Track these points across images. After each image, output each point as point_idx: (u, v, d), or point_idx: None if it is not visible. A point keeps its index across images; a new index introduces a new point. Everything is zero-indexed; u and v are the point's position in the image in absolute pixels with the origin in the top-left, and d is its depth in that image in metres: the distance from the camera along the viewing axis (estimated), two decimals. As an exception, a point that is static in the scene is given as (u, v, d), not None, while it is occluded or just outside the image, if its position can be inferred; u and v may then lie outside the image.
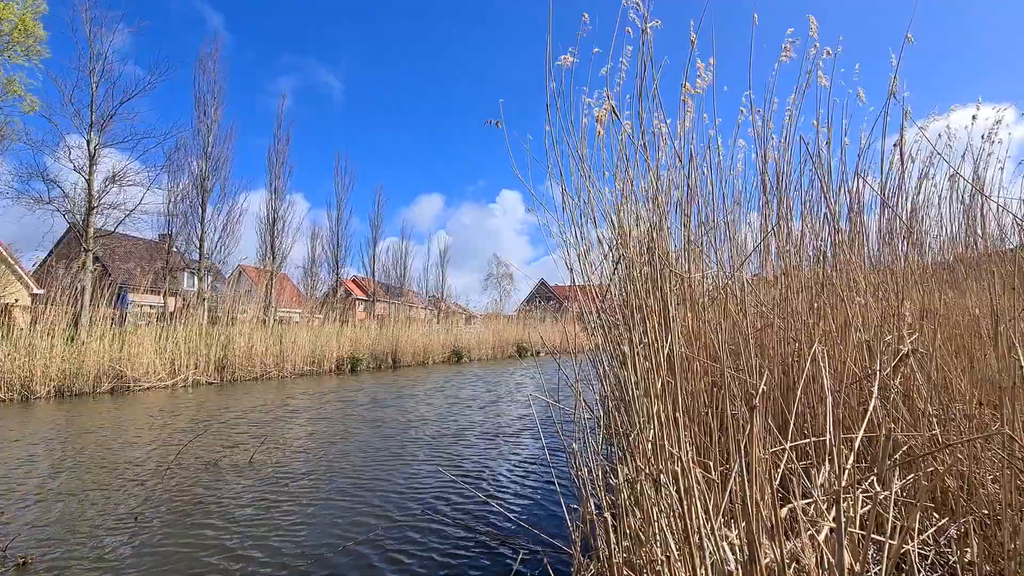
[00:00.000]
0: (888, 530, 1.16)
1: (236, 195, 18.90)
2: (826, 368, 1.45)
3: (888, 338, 2.00)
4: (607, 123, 2.04)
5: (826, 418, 1.28)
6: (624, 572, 1.55)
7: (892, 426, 1.81)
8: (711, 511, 1.27)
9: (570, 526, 1.89)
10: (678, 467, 1.32)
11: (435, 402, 8.46)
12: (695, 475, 1.31)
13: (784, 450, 1.48)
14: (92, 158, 13.12)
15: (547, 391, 2.47)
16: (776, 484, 1.27)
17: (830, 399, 1.29)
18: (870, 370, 1.95)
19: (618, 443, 1.96)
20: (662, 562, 1.36)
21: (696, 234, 2.37)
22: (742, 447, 1.16)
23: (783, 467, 1.48)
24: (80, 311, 11.17)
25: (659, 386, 1.52)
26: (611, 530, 1.58)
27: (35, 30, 11.91)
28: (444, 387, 10.74)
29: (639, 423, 1.59)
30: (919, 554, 1.47)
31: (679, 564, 1.31)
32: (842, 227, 2.45)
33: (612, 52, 1.99)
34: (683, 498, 1.28)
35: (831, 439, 1.24)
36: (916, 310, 2.08)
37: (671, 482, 1.35)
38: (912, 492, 1.67)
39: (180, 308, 12.57)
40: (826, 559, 1.20)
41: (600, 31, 1.98)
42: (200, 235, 17.86)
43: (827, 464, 1.52)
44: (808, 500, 1.45)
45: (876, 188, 2.46)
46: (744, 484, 1.10)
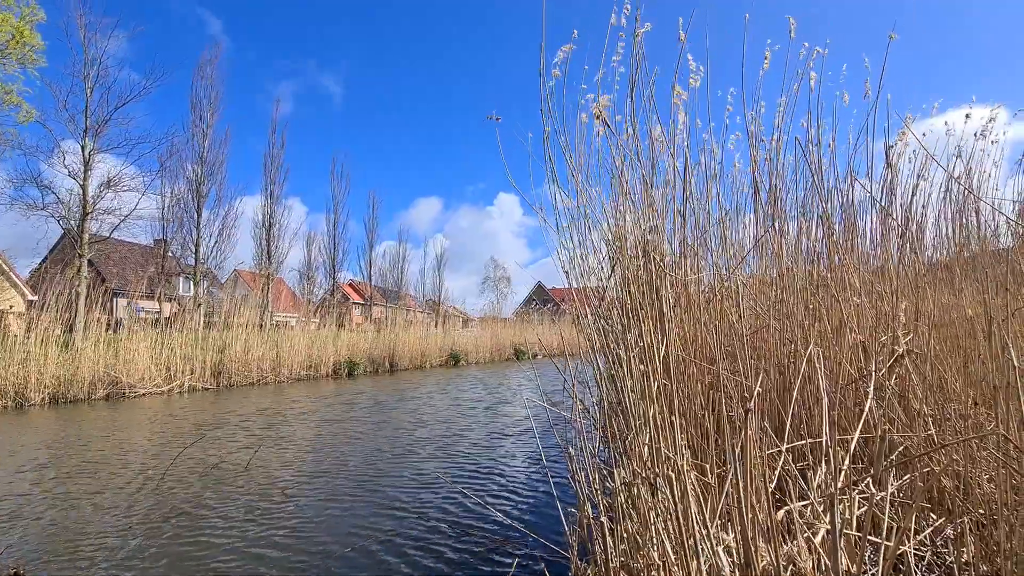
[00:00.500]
0: (884, 531, 1.16)
1: (232, 200, 18.93)
2: (822, 369, 1.45)
3: (883, 339, 2.00)
4: (602, 128, 2.04)
5: (822, 419, 1.28)
6: (621, 576, 1.54)
7: (888, 427, 1.81)
8: (707, 514, 1.26)
9: (567, 530, 1.89)
10: (674, 470, 1.31)
11: (433, 406, 8.43)
12: (691, 478, 1.31)
13: (780, 452, 1.48)
14: (87, 164, 13.09)
15: (544, 395, 2.46)
16: (772, 486, 1.27)
17: (826, 400, 1.29)
18: (865, 371, 1.95)
19: (615, 446, 1.96)
20: (659, 566, 1.36)
21: (691, 237, 2.37)
22: (738, 449, 1.16)
23: (779, 469, 1.47)
24: (75, 317, 11.10)
25: (655, 389, 1.52)
26: (608, 533, 1.58)
27: (32, 40, 11.86)
28: (441, 391, 10.70)
29: (635, 426, 1.59)
30: (916, 555, 1.47)
31: (675, 568, 1.31)
32: (836, 228, 2.46)
33: (604, 58, 2.00)
34: (679, 501, 1.27)
35: (827, 440, 1.24)
36: (911, 311, 2.09)
37: (667, 485, 1.35)
38: (908, 493, 1.67)
39: (176, 313, 12.51)
40: (823, 562, 1.20)
41: (595, 35, 1.99)
42: (196, 240, 17.83)
43: (823, 465, 1.52)
44: (804, 502, 1.45)
45: (869, 189, 2.47)
46: (740, 487, 1.09)
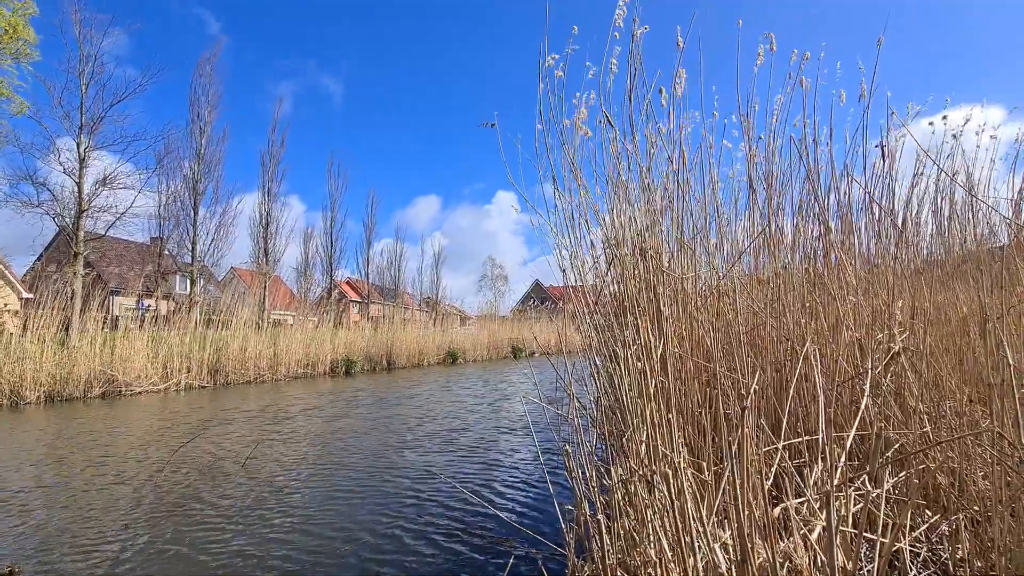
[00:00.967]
0: (880, 528, 1.16)
1: (229, 198, 18.86)
2: (818, 367, 1.46)
3: (879, 337, 2.01)
4: (600, 127, 2.04)
5: (818, 417, 1.28)
6: (618, 573, 1.55)
7: (884, 424, 1.82)
8: (704, 511, 1.26)
9: (564, 527, 1.89)
10: (671, 468, 1.31)
11: (430, 403, 8.43)
12: (688, 476, 1.31)
13: (777, 449, 1.48)
14: (82, 161, 12.99)
15: (542, 392, 2.47)
16: (769, 483, 1.28)
17: (822, 398, 1.29)
18: (862, 369, 1.96)
19: (612, 444, 1.96)
20: (655, 563, 1.36)
21: (688, 234, 2.37)
22: (734, 447, 1.16)
23: (776, 466, 1.48)
24: (71, 315, 11.05)
25: (652, 387, 1.52)
26: (605, 531, 1.58)
27: (25, 33, 11.75)
28: (439, 389, 10.70)
29: (632, 424, 1.59)
30: (911, 551, 1.48)
31: (672, 565, 1.31)
32: (832, 226, 2.47)
33: (605, 58, 2.00)
34: (676, 499, 1.28)
35: (823, 438, 1.25)
36: (907, 309, 2.10)
37: (664, 483, 1.35)
38: (904, 490, 1.68)
39: (172, 311, 12.47)
40: (819, 558, 1.20)
41: (594, 35, 1.99)
42: (192, 238, 17.76)
43: (819, 463, 1.52)
44: (801, 499, 1.45)
45: (865, 187, 2.47)
46: (736, 484, 1.09)
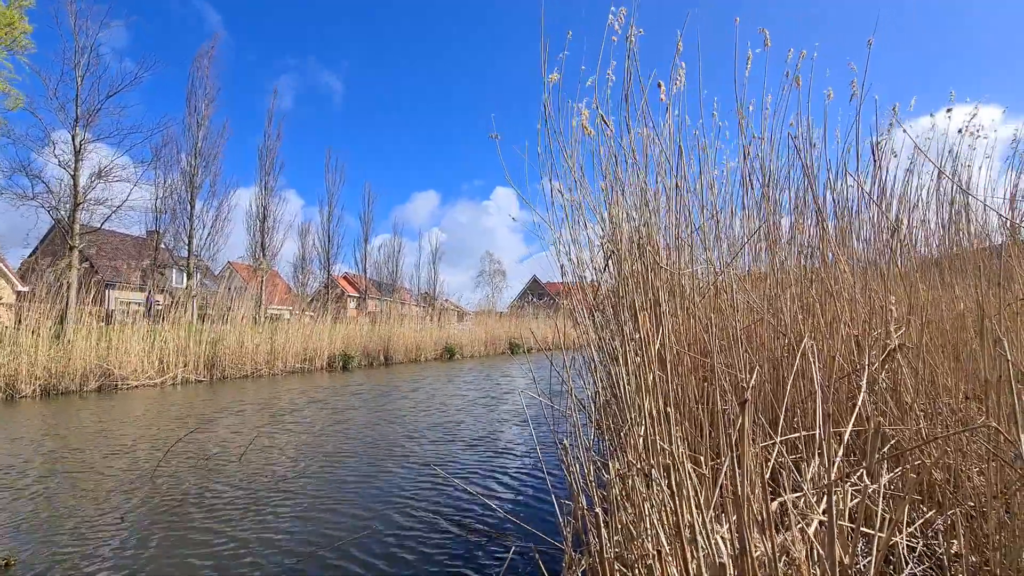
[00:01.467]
0: (877, 523, 1.17)
1: (226, 192, 18.74)
2: (815, 363, 1.46)
3: (876, 333, 2.02)
4: (599, 125, 2.04)
5: (815, 412, 1.29)
6: (615, 567, 1.55)
7: (880, 420, 1.83)
8: (702, 505, 1.27)
9: (562, 521, 1.89)
10: (669, 462, 1.32)
11: (428, 398, 8.43)
12: (686, 470, 1.31)
13: (774, 444, 1.49)
14: (77, 153, 12.88)
15: (539, 387, 2.47)
16: (766, 478, 1.28)
17: (819, 393, 1.29)
18: (858, 365, 1.96)
19: (610, 438, 1.96)
20: (653, 556, 1.36)
21: (686, 231, 2.37)
22: (733, 442, 1.16)
23: (773, 461, 1.48)
24: (66, 308, 10.99)
25: (650, 381, 1.52)
26: (602, 525, 1.58)
27: (20, 24, 11.61)
28: (436, 384, 10.71)
29: (630, 418, 1.59)
30: (907, 546, 1.49)
31: (670, 558, 1.32)
32: (829, 223, 2.47)
33: (600, 57, 1.99)
34: (674, 493, 1.28)
35: (820, 433, 1.25)
36: (903, 305, 2.10)
37: (662, 477, 1.35)
38: (900, 485, 1.69)
39: (168, 305, 12.41)
40: (816, 552, 1.21)
41: (592, 36, 1.98)
42: (189, 231, 17.67)
43: (817, 458, 1.53)
44: (798, 494, 1.46)
45: (862, 185, 2.48)
46: (735, 478, 1.10)
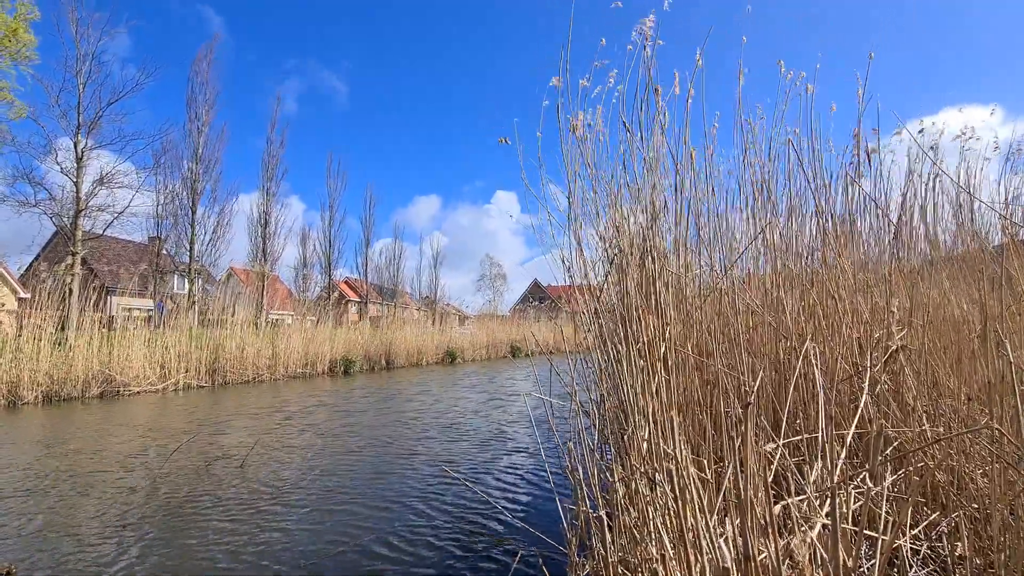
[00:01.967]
0: (880, 526, 1.17)
1: (228, 197, 18.78)
2: (817, 365, 1.46)
3: (878, 335, 2.02)
4: (602, 129, 2.06)
5: (818, 415, 1.29)
6: (619, 571, 1.55)
7: (883, 422, 1.83)
8: (706, 509, 1.27)
9: (566, 525, 1.89)
10: (673, 465, 1.32)
11: (430, 402, 8.43)
12: (690, 473, 1.31)
13: (777, 447, 1.49)
14: (79, 160, 12.93)
15: (542, 391, 2.47)
16: (770, 481, 1.28)
17: (822, 396, 1.30)
18: (860, 367, 1.97)
19: (613, 442, 1.96)
20: (657, 560, 1.36)
21: (690, 233, 2.38)
22: (736, 445, 1.17)
23: (776, 464, 1.48)
24: (68, 315, 11.01)
25: (653, 385, 1.53)
26: (606, 529, 1.59)
27: (26, 37, 11.69)
28: (438, 388, 10.70)
29: (634, 422, 1.60)
30: (911, 549, 1.49)
31: (674, 562, 1.32)
32: (831, 225, 2.48)
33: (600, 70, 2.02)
34: (678, 496, 1.28)
35: (823, 435, 1.25)
36: (904, 307, 2.11)
37: (666, 480, 1.36)
38: (903, 487, 1.69)
39: (170, 311, 12.43)
40: (820, 555, 1.21)
41: (592, 35, 1.99)
42: (191, 237, 17.70)
43: (819, 460, 1.53)
44: (801, 497, 1.46)
45: (864, 187, 2.48)
46: (738, 482, 1.10)
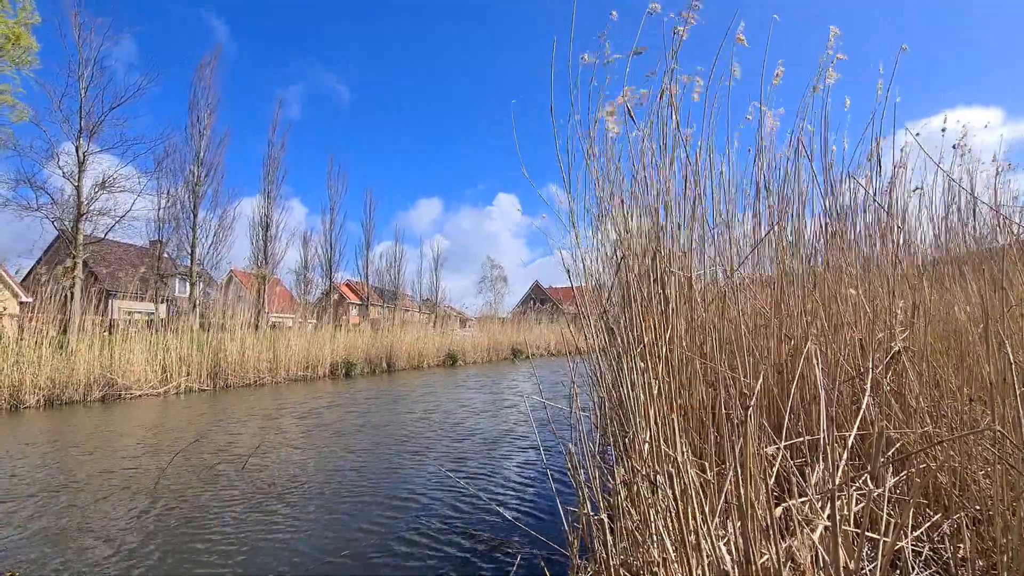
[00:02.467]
0: (882, 527, 1.17)
1: (229, 201, 18.81)
2: (819, 366, 1.46)
3: (880, 336, 2.02)
4: (612, 132, 2.07)
5: (820, 416, 1.29)
6: (621, 574, 1.55)
7: (885, 423, 1.83)
8: (707, 511, 1.27)
9: (567, 528, 1.89)
10: (674, 468, 1.32)
11: (431, 405, 8.42)
12: (691, 476, 1.31)
13: (779, 449, 1.49)
14: (81, 164, 12.96)
15: (544, 394, 2.47)
16: (771, 483, 1.28)
17: (823, 397, 1.30)
18: (862, 368, 1.96)
19: (615, 444, 1.96)
20: (659, 563, 1.36)
21: (695, 236, 2.38)
22: (737, 447, 1.17)
23: (778, 466, 1.48)
24: (69, 318, 11.03)
25: (655, 387, 1.53)
26: (608, 532, 1.58)
27: (27, 42, 11.74)
28: (439, 391, 10.70)
29: (635, 424, 1.59)
30: (913, 550, 1.48)
31: (676, 565, 1.32)
32: (834, 227, 2.48)
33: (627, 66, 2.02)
34: (679, 499, 1.28)
35: (825, 437, 1.25)
36: (907, 308, 2.11)
37: (667, 483, 1.35)
38: (905, 489, 1.69)
39: (172, 314, 12.45)
40: (822, 557, 1.21)
41: (594, 35, 2.00)
42: (192, 241, 17.73)
43: (821, 462, 1.53)
44: (803, 499, 1.46)
45: (867, 189, 2.48)
46: (739, 484, 1.10)
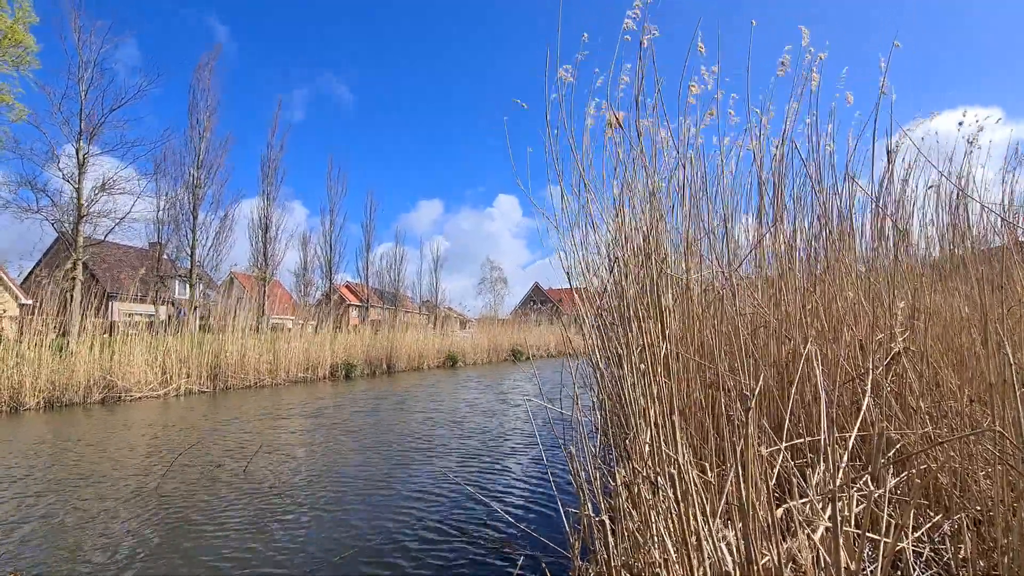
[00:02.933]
0: (883, 528, 1.17)
1: (230, 203, 18.84)
2: (819, 367, 1.46)
3: (880, 337, 2.02)
4: (607, 132, 2.07)
5: (820, 417, 1.29)
6: (622, 575, 1.55)
7: (885, 424, 1.83)
8: (708, 512, 1.27)
9: (568, 530, 1.89)
10: (675, 469, 1.32)
11: (431, 407, 8.42)
12: (692, 477, 1.31)
13: (779, 450, 1.49)
14: (81, 167, 12.97)
15: (544, 396, 2.47)
16: (772, 484, 1.28)
17: (824, 398, 1.30)
18: (863, 369, 1.97)
19: (616, 445, 1.96)
20: (660, 564, 1.36)
21: (692, 236, 2.38)
22: (738, 448, 1.17)
23: (778, 467, 1.48)
24: (69, 320, 11.03)
25: (655, 388, 1.53)
26: (609, 533, 1.58)
27: (25, 41, 11.77)
28: (439, 392, 10.69)
29: (636, 425, 1.60)
30: (914, 551, 1.48)
31: (677, 566, 1.32)
32: (834, 228, 2.48)
33: (614, 62, 2.02)
34: (680, 500, 1.28)
35: (825, 438, 1.25)
36: (907, 309, 2.11)
37: (668, 484, 1.36)
38: (906, 490, 1.69)
39: (172, 316, 12.45)
40: (823, 558, 1.21)
41: (602, 40, 2.01)
42: (192, 243, 17.74)
43: (822, 463, 1.53)
44: (804, 500, 1.46)
45: (866, 190, 2.49)
46: (740, 485, 1.10)
